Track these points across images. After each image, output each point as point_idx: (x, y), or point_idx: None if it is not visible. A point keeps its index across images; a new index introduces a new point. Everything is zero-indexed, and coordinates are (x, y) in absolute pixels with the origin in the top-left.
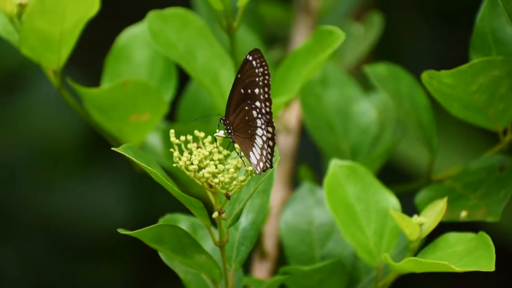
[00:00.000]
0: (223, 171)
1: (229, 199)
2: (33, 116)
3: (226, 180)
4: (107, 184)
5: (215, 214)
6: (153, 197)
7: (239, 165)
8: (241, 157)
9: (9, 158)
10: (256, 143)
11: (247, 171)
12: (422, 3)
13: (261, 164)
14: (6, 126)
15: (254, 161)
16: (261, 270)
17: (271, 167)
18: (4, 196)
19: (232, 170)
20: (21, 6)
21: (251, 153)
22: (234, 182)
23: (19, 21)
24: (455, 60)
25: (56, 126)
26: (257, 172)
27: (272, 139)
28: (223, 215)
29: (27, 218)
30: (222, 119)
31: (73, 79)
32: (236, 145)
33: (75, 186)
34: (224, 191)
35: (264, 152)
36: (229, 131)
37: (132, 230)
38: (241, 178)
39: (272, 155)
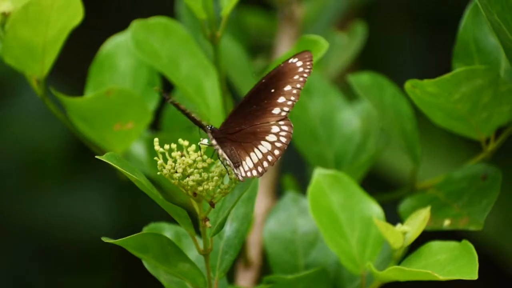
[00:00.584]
0: (207, 179)
1: (213, 207)
2: (18, 126)
3: (211, 188)
4: (92, 193)
5: (203, 224)
6: (138, 206)
7: (223, 173)
8: (225, 165)
9: None
10: (259, 149)
11: (231, 179)
12: (405, 13)
13: (255, 171)
14: None
15: (248, 165)
16: (245, 279)
17: (260, 175)
18: None
19: (216, 178)
20: (4, 15)
21: (247, 157)
22: (218, 190)
23: (2, 30)
24: (438, 69)
25: (41, 136)
26: (244, 175)
27: (282, 148)
28: (208, 223)
29: (11, 228)
30: (210, 126)
31: (57, 88)
32: (221, 152)
33: (60, 196)
34: (208, 199)
35: (269, 158)
36: (219, 136)
37: (117, 239)
38: (225, 185)
39: (272, 164)
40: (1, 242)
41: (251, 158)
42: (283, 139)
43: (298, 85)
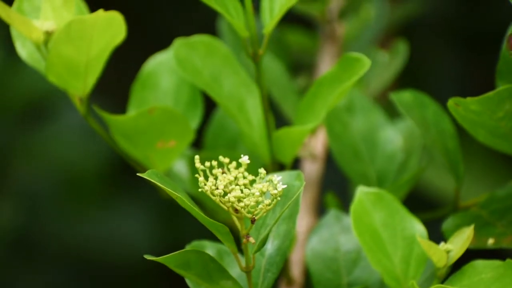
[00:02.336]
0: (248, 195)
1: (253, 223)
2: (59, 145)
3: (252, 203)
4: (133, 212)
5: (244, 241)
6: (180, 225)
7: (264, 189)
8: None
9: (34, 187)
10: None
11: (272, 195)
12: (447, 31)
13: None
14: (32, 154)
15: None
16: None
17: None
18: (29, 226)
19: (257, 194)
20: (48, 34)
21: None
22: (260, 206)
23: (45, 48)
24: (481, 87)
25: (82, 155)
26: None
27: None
28: (251, 239)
29: (52, 248)
30: None
31: (100, 106)
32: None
33: (101, 215)
34: (249, 216)
35: None
36: None
37: (158, 257)
38: (267, 202)
39: None
40: (41, 262)
41: None
42: None
43: None
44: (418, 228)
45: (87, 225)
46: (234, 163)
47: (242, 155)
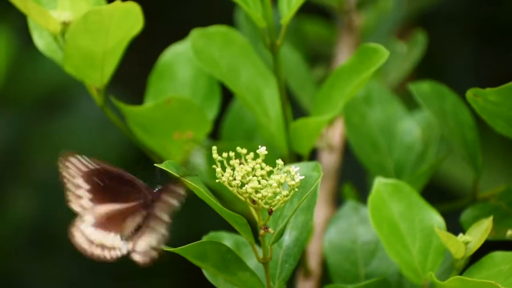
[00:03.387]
0: (265, 186)
1: (271, 214)
2: (76, 135)
3: (269, 194)
4: None
5: (262, 232)
6: (197, 215)
7: (282, 181)
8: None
9: (51, 178)
10: None
11: (289, 186)
12: (465, 21)
13: None
14: (49, 145)
15: None
16: None
17: None
18: (45, 216)
19: (275, 185)
20: (65, 25)
21: None
22: (277, 197)
23: (62, 39)
24: (499, 77)
25: (98, 145)
26: None
27: None
28: (270, 229)
29: (69, 239)
30: None
31: (117, 97)
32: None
33: None
34: (267, 207)
35: None
36: None
37: (175, 248)
38: (284, 193)
39: None
40: (59, 252)
41: None
42: None
43: None
44: (436, 219)
45: None
46: (251, 154)
47: (259, 146)
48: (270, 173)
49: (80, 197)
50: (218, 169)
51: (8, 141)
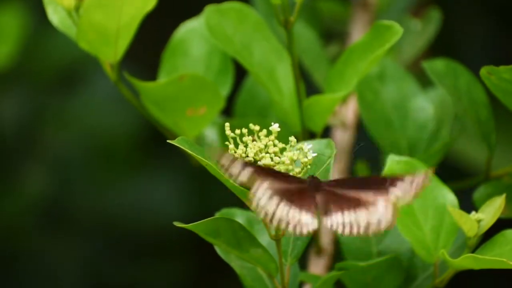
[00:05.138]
0: (278, 163)
1: None
2: (90, 112)
3: (282, 171)
4: (163, 181)
5: None
6: (209, 193)
7: (294, 158)
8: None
9: (65, 154)
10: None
11: (302, 163)
12: (483, 0)
13: None
14: (63, 121)
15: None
16: (317, 266)
17: None
18: (60, 193)
19: (287, 162)
20: (79, 0)
21: None
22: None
23: (77, 14)
24: None
25: (113, 122)
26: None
27: None
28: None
29: (82, 216)
30: None
31: (131, 73)
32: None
33: (131, 184)
34: None
35: None
36: None
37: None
38: (297, 170)
39: None
40: (73, 231)
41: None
42: None
43: None
44: (449, 197)
45: (118, 192)
46: (264, 131)
47: (272, 123)
48: (282, 150)
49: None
50: (231, 146)
51: (22, 117)
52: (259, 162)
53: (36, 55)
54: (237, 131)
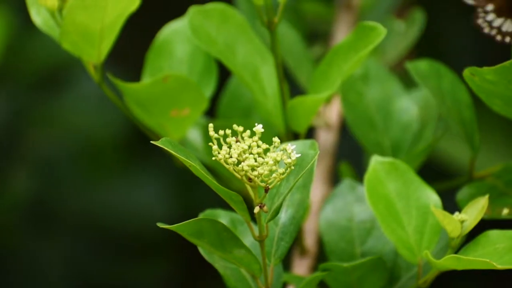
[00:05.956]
0: (262, 164)
1: (267, 192)
2: (75, 113)
3: (265, 172)
4: (148, 181)
5: (256, 208)
6: (194, 194)
7: (278, 158)
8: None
9: (50, 155)
10: None
11: (286, 163)
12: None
13: None
14: (48, 122)
15: None
16: (301, 267)
17: None
18: (44, 194)
19: (271, 162)
20: (62, 1)
21: None
22: (274, 175)
23: (60, 15)
24: (497, 57)
25: (98, 123)
26: None
27: None
28: (264, 208)
29: (68, 216)
30: None
31: (114, 74)
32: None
33: (116, 184)
34: (263, 185)
35: None
36: None
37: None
38: (281, 171)
39: None
40: (58, 230)
41: None
42: None
43: None
44: (432, 198)
45: (103, 193)
46: (248, 132)
47: (256, 124)
48: (266, 151)
49: None
50: (215, 147)
51: (8, 118)
52: (242, 163)
53: (20, 55)
54: (221, 132)
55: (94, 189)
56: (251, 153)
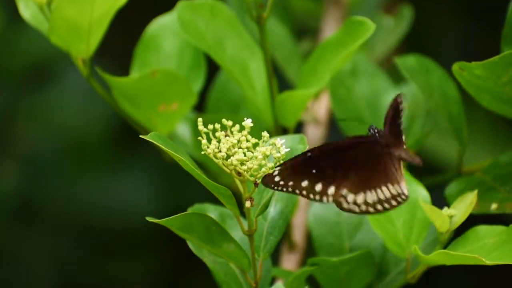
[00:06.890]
0: (251, 158)
1: (256, 186)
2: (62, 108)
3: (255, 167)
4: (136, 177)
5: (247, 203)
6: (183, 190)
7: (267, 153)
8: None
9: (36, 151)
10: None
11: (275, 158)
12: None
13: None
14: (35, 117)
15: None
16: (289, 261)
17: None
18: (31, 190)
19: (260, 157)
20: None
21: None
22: (263, 170)
23: (48, 9)
24: (486, 52)
25: (85, 118)
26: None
27: None
28: (253, 202)
29: (54, 212)
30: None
31: (103, 68)
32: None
33: (104, 179)
34: (252, 179)
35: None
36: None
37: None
38: (270, 165)
39: None
40: (45, 226)
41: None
42: None
43: None
44: (421, 193)
45: (92, 188)
46: (237, 126)
47: (245, 118)
48: (255, 145)
49: None
50: (204, 141)
51: None
52: (232, 157)
53: (7, 50)
54: (210, 127)
55: (82, 185)
56: (240, 148)
